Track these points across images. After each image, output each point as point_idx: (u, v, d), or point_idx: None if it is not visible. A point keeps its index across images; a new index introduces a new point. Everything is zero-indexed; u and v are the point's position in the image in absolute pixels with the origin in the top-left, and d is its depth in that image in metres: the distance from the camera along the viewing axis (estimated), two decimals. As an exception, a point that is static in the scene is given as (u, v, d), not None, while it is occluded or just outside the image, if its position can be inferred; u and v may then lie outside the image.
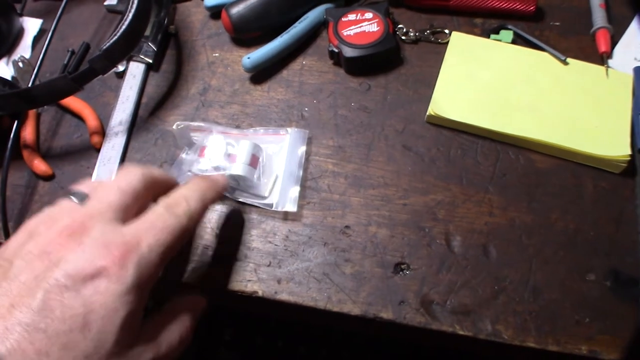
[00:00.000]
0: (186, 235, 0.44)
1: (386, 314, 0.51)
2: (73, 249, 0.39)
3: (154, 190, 0.47)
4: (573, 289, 0.51)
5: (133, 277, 0.39)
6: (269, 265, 0.54)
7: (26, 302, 0.36)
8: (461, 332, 0.50)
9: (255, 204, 0.57)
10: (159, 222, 0.42)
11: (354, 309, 0.51)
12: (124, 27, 0.57)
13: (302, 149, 0.59)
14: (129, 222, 0.42)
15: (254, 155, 0.56)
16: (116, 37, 0.57)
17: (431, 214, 0.55)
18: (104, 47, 0.56)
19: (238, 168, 0.55)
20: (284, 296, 0.52)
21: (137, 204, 0.44)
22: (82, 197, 0.44)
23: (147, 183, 0.45)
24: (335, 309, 0.51)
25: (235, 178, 0.56)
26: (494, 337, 0.50)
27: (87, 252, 0.38)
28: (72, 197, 0.44)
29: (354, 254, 0.54)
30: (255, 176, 0.56)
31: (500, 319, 0.50)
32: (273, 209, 0.56)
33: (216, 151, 0.56)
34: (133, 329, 0.39)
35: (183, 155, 0.59)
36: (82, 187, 0.45)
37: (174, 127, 0.58)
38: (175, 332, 0.44)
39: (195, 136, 0.59)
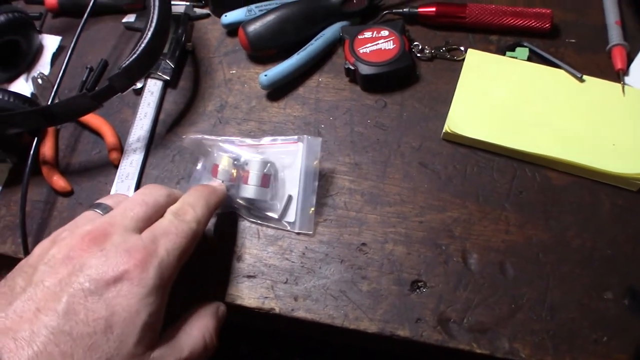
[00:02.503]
0: (196, 238, 0.46)
1: (403, 332, 0.51)
2: (95, 254, 0.40)
3: (170, 204, 0.48)
4: (590, 307, 0.51)
5: (154, 279, 0.40)
6: (285, 282, 0.54)
7: (51, 306, 0.37)
8: (478, 351, 0.50)
9: (272, 226, 0.57)
10: (172, 228, 0.44)
11: (371, 327, 0.51)
12: (143, 45, 0.58)
13: (317, 159, 0.58)
14: (145, 230, 0.44)
15: (265, 174, 0.55)
16: (135, 55, 0.58)
17: (448, 231, 0.55)
18: (124, 66, 0.57)
19: (249, 191, 0.55)
20: (300, 313, 0.52)
21: (157, 217, 0.46)
22: (106, 209, 0.46)
23: (170, 202, 0.48)
24: (352, 326, 0.52)
25: (248, 200, 0.56)
26: (512, 355, 0.49)
27: (109, 257, 0.40)
28: (96, 209, 0.46)
29: (370, 272, 0.54)
30: (268, 197, 0.56)
31: (517, 337, 0.50)
32: (289, 229, 0.56)
33: (227, 172, 0.55)
34: (154, 330, 0.41)
35: (199, 167, 0.60)
36: (107, 200, 0.48)
37: (184, 137, 0.59)
38: (198, 337, 0.45)
39: (209, 145, 0.59)
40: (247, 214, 0.57)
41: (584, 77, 0.62)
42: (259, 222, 0.57)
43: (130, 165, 0.62)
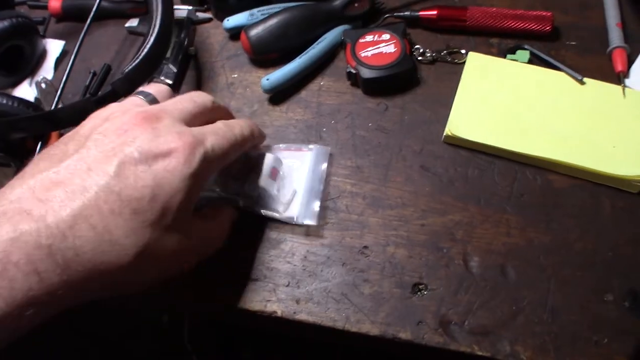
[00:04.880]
0: (237, 151, 0.50)
1: (404, 334, 0.51)
2: (147, 129, 0.43)
3: (216, 115, 0.52)
4: (591, 309, 0.51)
5: (198, 164, 0.43)
6: (287, 286, 0.54)
7: (103, 168, 0.41)
8: (479, 353, 0.50)
9: (276, 217, 0.57)
10: (219, 131, 0.48)
11: (373, 329, 0.52)
12: (145, 50, 0.58)
13: (324, 166, 0.60)
14: (197, 125, 0.47)
15: (274, 168, 0.57)
16: (138, 60, 0.58)
17: (449, 234, 0.56)
18: (126, 71, 0.57)
19: (260, 181, 0.55)
20: (302, 316, 0.53)
21: (203, 119, 0.49)
22: (149, 98, 0.50)
23: (215, 107, 0.52)
24: (354, 329, 0.52)
25: (256, 190, 0.56)
26: (513, 358, 0.50)
27: (160, 135, 0.43)
28: (139, 95, 0.50)
29: (372, 274, 0.54)
30: (275, 189, 0.56)
31: (518, 339, 0.50)
32: (294, 222, 0.56)
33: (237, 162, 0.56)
34: (186, 210, 0.44)
35: None
36: (148, 88, 0.52)
37: None
38: (217, 231, 0.52)
39: None
40: (251, 206, 0.57)
41: (585, 79, 0.62)
42: (262, 213, 0.57)
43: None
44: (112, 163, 0.41)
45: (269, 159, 0.57)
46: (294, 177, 0.59)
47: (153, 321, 1.03)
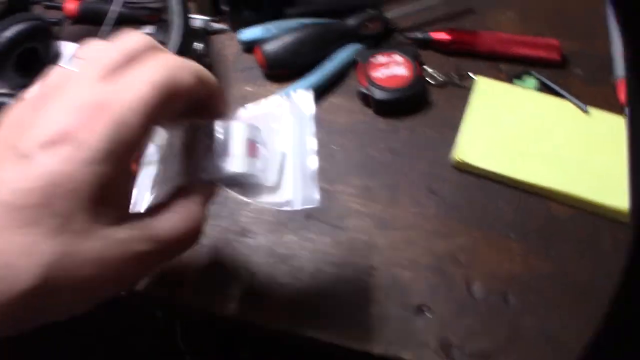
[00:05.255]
0: (179, 96, 0.36)
1: (406, 355, 0.52)
2: (41, 113, 0.33)
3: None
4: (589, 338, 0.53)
5: (104, 142, 0.32)
6: (295, 302, 0.55)
7: None
8: (479, 377, 0.52)
9: (267, 205, 0.42)
10: (146, 74, 0.34)
11: (375, 348, 0.53)
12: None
13: (311, 113, 0.45)
14: (116, 79, 0.34)
15: (251, 140, 0.41)
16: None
17: (453, 258, 0.57)
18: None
19: (236, 164, 0.40)
20: (309, 332, 0.54)
21: (132, 67, 0.35)
22: (73, 63, 0.37)
23: (148, 48, 0.36)
24: (358, 347, 0.53)
25: (234, 177, 0.41)
26: (511, 383, 0.51)
27: (53, 116, 0.33)
28: (63, 64, 0.37)
29: (377, 295, 0.55)
30: (258, 168, 0.41)
31: (517, 365, 0.52)
32: (290, 208, 0.42)
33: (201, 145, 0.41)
34: (110, 206, 0.34)
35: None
36: (79, 51, 0.37)
37: None
38: (179, 224, 0.38)
39: None
40: (237, 192, 0.42)
41: (589, 109, 0.63)
42: (251, 201, 0.42)
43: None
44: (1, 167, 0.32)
45: (239, 130, 0.41)
46: (276, 144, 0.44)
47: (153, 318, 1.04)
